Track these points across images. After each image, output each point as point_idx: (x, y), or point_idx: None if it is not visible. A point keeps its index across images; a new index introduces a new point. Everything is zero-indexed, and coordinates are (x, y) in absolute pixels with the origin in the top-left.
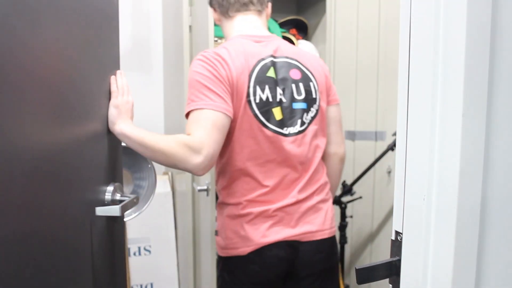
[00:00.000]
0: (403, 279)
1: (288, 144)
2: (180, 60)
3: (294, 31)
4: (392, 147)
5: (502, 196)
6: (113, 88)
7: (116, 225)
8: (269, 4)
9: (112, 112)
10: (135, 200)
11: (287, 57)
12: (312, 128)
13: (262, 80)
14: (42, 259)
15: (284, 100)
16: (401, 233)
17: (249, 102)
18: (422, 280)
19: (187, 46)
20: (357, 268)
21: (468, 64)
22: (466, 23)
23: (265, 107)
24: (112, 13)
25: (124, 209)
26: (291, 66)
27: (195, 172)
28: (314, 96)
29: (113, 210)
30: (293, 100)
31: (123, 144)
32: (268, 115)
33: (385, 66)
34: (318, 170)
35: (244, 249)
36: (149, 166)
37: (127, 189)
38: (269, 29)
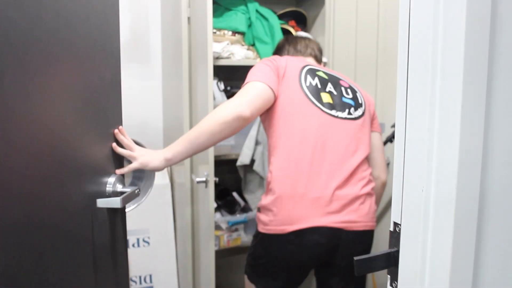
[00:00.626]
0: (401, 269)
1: (337, 124)
2: (178, 51)
3: (293, 22)
4: (390, 139)
5: (500, 188)
6: (126, 142)
7: (117, 217)
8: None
9: (145, 164)
10: (136, 192)
11: (334, 73)
12: (358, 123)
13: (312, 74)
14: (43, 251)
15: (334, 92)
16: (400, 225)
17: (300, 84)
18: (420, 271)
19: (186, 38)
20: (355, 259)
21: (468, 56)
22: (465, 14)
23: (314, 91)
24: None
25: (125, 201)
26: (338, 79)
27: (243, 116)
28: (360, 102)
29: (114, 202)
30: (342, 95)
31: None
32: (318, 97)
33: (384, 58)
34: (364, 163)
35: (285, 228)
36: None
37: (126, 181)
38: (267, 19)
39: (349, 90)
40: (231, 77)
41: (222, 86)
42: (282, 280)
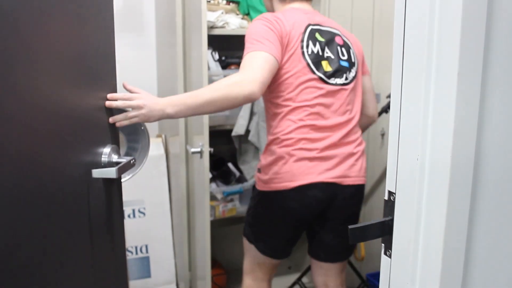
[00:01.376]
0: (395, 238)
1: (335, 91)
2: (172, 20)
3: None
4: (386, 109)
5: (495, 157)
6: (119, 96)
7: (113, 188)
8: None
9: (146, 113)
10: (132, 162)
11: (330, 27)
12: (351, 86)
13: (312, 38)
14: (38, 221)
15: (332, 56)
16: (394, 193)
17: (303, 53)
18: (414, 239)
19: (180, 6)
20: (350, 227)
21: (465, 23)
22: None
23: (316, 59)
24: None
25: (120, 171)
26: (335, 34)
27: (254, 97)
28: (353, 60)
29: (110, 172)
30: (339, 58)
31: None
32: (318, 66)
33: (380, 27)
34: (356, 126)
35: (287, 184)
36: (142, 128)
37: (121, 151)
38: None
39: (344, 50)
40: (226, 47)
41: (216, 56)
42: (280, 237)
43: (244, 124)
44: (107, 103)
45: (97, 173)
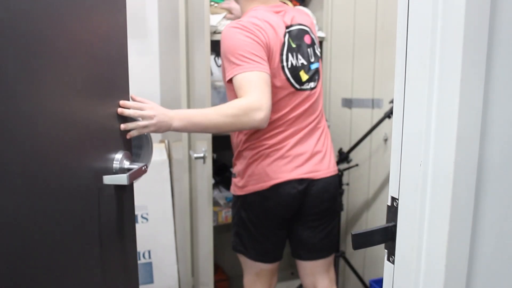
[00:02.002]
0: (398, 244)
1: (308, 96)
2: (175, 26)
3: None
4: (389, 114)
5: (498, 163)
6: (130, 104)
7: (124, 194)
8: None
9: (156, 123)
10: (143, 168)
11: (300, 24)
12: (319, 85)
13: (289, 48)
14: (47, 228)
15: (305, 63)
16: (397, 199)
17: (282, 67)
18: (417, 245)
19: (183, 11)
20: (353, 233)
21: (467, 28)
22: None
23: (294, 72)
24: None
25: (132, 177)
26: (304, 32)
27: (261, 126)
28: (318, 55)
29: (121, 179)
30: (310, 62)
31: None
32: (297, 78)
33: (383, 33)
34: (322, 120)
35: (262, 185)
36: (145, 134)
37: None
38: None
39: (311, 50)
40: None
41: (219, 62)
42: (266, 240)
43: None
44: (119, 110)
45: (108, 179)
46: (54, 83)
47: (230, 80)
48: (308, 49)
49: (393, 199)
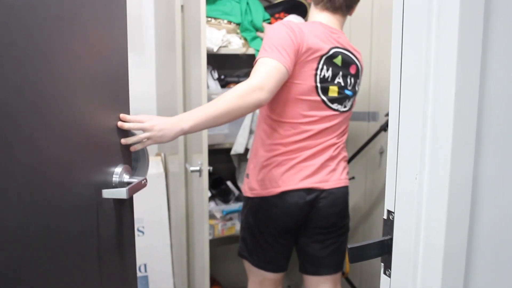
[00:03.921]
0: (394, 257)
1: (333, 116)
2: (172, 40)
3: (282, 14)
4: (384, 127)
5: (493, 176)
6: (130, 118)
7: (124, 208)
8: (355, 6)
9: (160, 134)
10: (143, 182)
11: (351, 52)
12: (348, 113)
13: (329, 63)
14: (44, 242)
15: (342, 84)
16: (393, 212)
17: (315, 74)
18: (414, 259)
19: (179, 26)
20: (349, 247)
21: (461, 43)
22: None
23: (325, 83)
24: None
25: (131, 191)
26: (352, 61)
27: (261, 104)
28: (356, 89)
29: (120, 193)
30: (346, 87)
31: None
32: (325, 90)
33: (378, 47)
34: (344, 145)
35: (270, 191)
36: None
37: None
38: (251, 11)
39: (353, 80)
40: (225, 66)
41: (216, 75)
42: (270, 248)
43: (243, 143)
44: (119, 123)
45: (107, 193)
46: (54, 97)
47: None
48: (349, 77)
49: (389, 212)
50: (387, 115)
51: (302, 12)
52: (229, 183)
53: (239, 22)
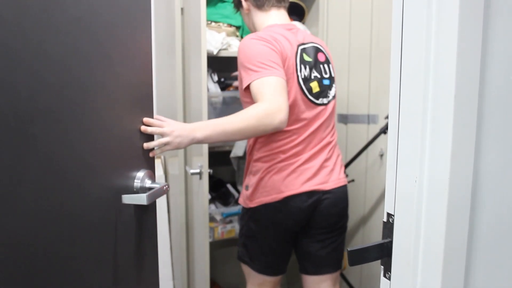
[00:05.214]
0: (394, 260)
1: (321, 111)
2: (172, 42)
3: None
4: (384, 130)
5: (492, 179)
6: (153, 122)
7: (146, 214)
8: None
9: (177, 140)
10: (165, 188)
11: (312, 42)
12: (333, 102)
13: (302, 61)
14: (59, 249)
15: (318, 76)
16: (393, 215)
17: (297, 77)
18: (413, 261)
19: (179, 29)
20: (349, 250)
21: (461, 46)
22: (459, 8)
23: (307, 82)
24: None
25: (151, 197)
26: (317, 50)
27: (281, 128)
28: (333, 75)
29: (140, 199)
30: (322, 77)
31: None
32: (309, 88)
33: (378, 49)
34: (335, 137)
35: (273, 197)
36: None
37: None
38: None
39: (325, 66)
40: (225, 69)
41: (215, 78)
42: (273, 253)
43: (242, 146)
44: (142, 128)
45: (127, 198)
46: (78, 99)
47: (247, 88)
48: (321, 66)
49: (389, 215)
50: (387, 117)
51: (300, 15)
52: (229, 186)
53: (239, 25)
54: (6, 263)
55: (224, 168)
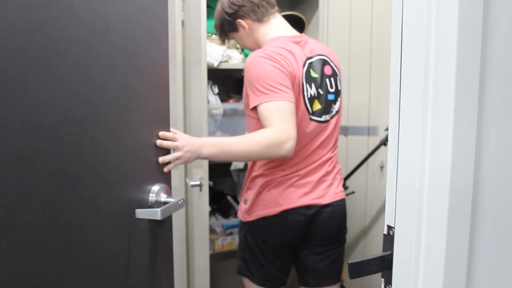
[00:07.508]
0: (395, 273)
1: (323, 127)
2: (172, 55)
3: None
4: (384, 142)
5: (493, 191)
6: (169, 135)
7: (161, 229)
8: None
9: (187, 155)
10: (180, 203)
11: (319, 55)
12: (336, 118)
13: (308, 79)
14: (69, 263)
15: (322, 93)
16: (393, 228)
17: (303, 96)
18: (414, 274)
19: (180, 41)
20: (349, 262)
21: (460, 59)
22: (457, 22)
23: (311, 101)
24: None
25: (165, 212)
26: (324, 63)
27: (289, 156)
28: (339, 89)
29: (153, 213)
30: (327, 92)
31: None
32: (312, 106)
33: (378, 62)
34: (336, 151)
35: (271, 210)
36: None
37: None
38: None
39: (332, 80)
40: (225, 81)
41: (216, 90)
42: (271, 266)
43: None
44: (158, 142)
45: (140, 213)
46: (93, 109)
47: (254, 108)
48: (327, 79)
49: (389, 227)
50: (387, 129)
51: (300, 27)
52: (229, 198)
53: None
54: (18, 278)
55: (225, 180)
